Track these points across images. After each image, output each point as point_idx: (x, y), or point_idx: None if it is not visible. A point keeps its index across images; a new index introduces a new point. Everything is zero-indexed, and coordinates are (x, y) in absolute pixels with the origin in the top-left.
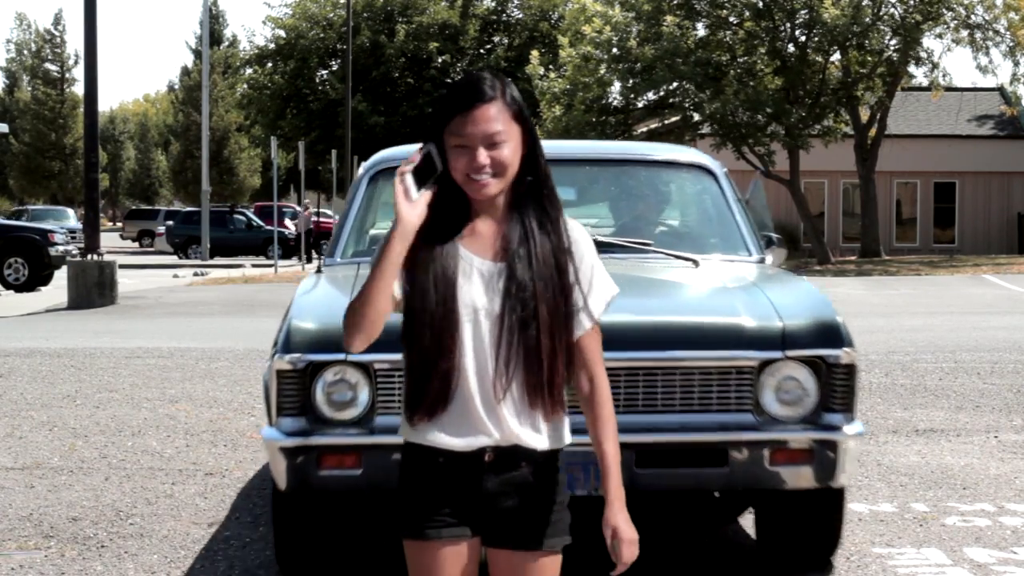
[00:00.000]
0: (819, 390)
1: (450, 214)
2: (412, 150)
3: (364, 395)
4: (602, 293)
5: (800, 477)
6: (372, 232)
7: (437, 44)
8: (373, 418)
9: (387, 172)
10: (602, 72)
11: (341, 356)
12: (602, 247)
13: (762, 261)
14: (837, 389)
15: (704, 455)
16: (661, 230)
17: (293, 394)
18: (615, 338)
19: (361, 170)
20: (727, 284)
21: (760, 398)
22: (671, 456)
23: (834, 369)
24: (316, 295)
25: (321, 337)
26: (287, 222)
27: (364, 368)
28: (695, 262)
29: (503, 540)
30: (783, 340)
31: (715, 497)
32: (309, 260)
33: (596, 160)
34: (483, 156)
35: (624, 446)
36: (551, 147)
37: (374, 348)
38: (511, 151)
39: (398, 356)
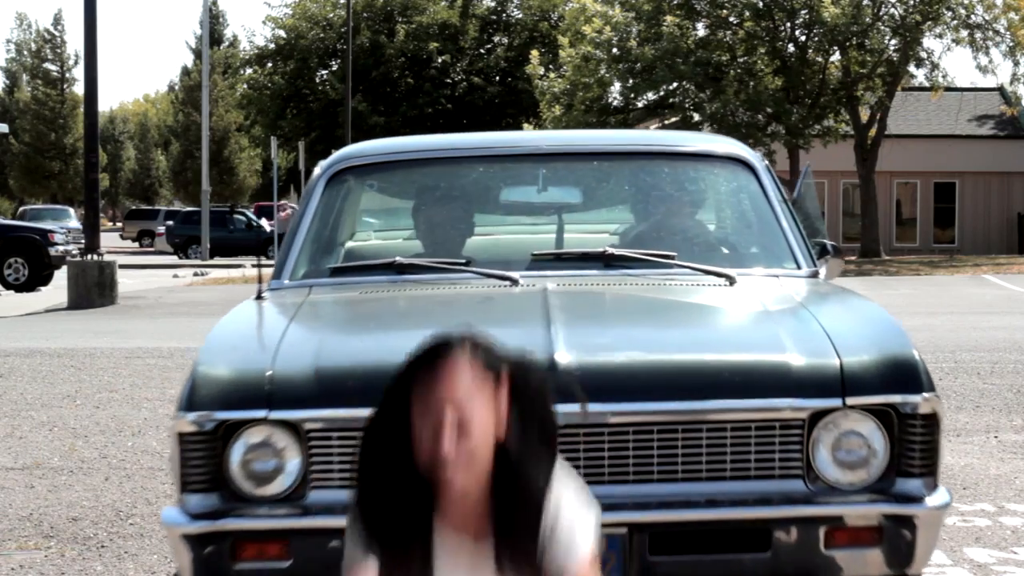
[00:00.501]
0: (890, 448)
1: (419, 496)
2: (379, 146)
3: (293, 464)
4: (587, 536)
5: (865, 563)
6: (349, 245)
7: (437, 44)
8: (305, 494)
9: (351, 172)
10: (602, 72)
11: (262, 413)
12: (613, 261)
13: (814, 276)
14: (914, 447)
15: (740, 536)
16: (687, 239)
17: (201, 464)
18: (622, 385)
19: (317, 170)
20: (769, 307)
21: (813, 460)
22: (696, 538)
23: (910, 421)
24: (238, 331)
25: (237, 387)
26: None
27: (293, 429)
28: (729, 279)
29: None
30: (842, 383)
31: None
32: None
33: (606, 152)
34: (448, 441)
35: (635, 527)
36: (552, 138)
37: (305, 403)
38: (480, 433)
39: (336, 412)
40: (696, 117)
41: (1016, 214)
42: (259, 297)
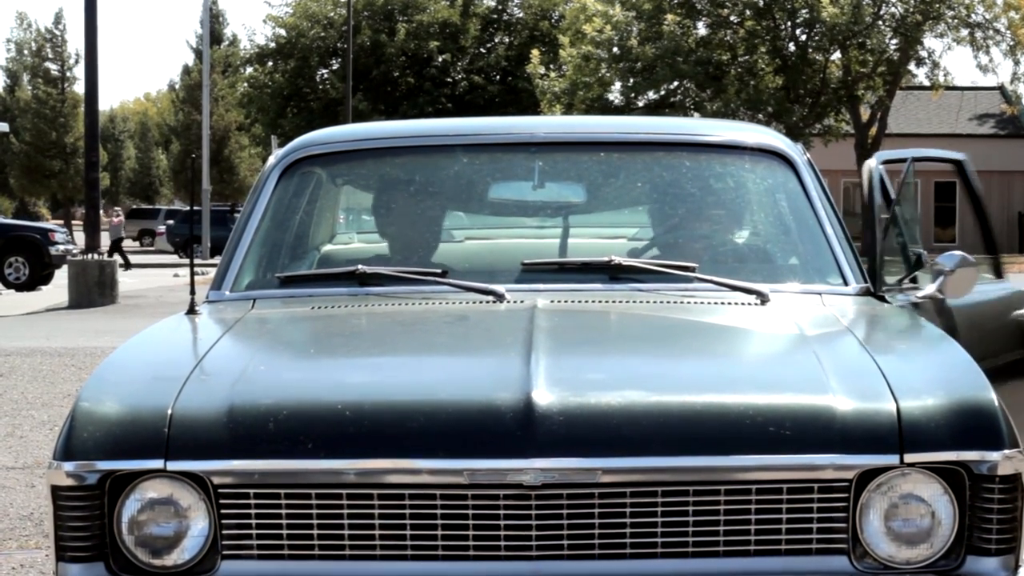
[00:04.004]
0: (960, 518)
1: None
2: (344, 132)
3: (199, 528)
4: None
5: None
6: (306, 249)
7: (438, 43)
8: (215, 566)
9: (310, 162)
10: (603, 71)
11: (158, 463)
12: (620, 273)
13: (866, 293)
14: (991, 517)
15: None
16: (710, 246)
17: (81, 527)
18: (618, 434)
19: (271, 160)
20: (808, 333)
21: (861, 531)
22: None
23: (987, 484)
24: (140, 357)
25: (127, 430)
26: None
27: (199, 483)
28: (761, 296)
29: None
30: (900, 434)
31: None
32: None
33: (618, 143)
34: None
35: None
36: (550, 125)
37: (214, 451)
38: None
39: (253, 464)
40: (697, 116)
41: (1017, 213)
42: (191, 311)
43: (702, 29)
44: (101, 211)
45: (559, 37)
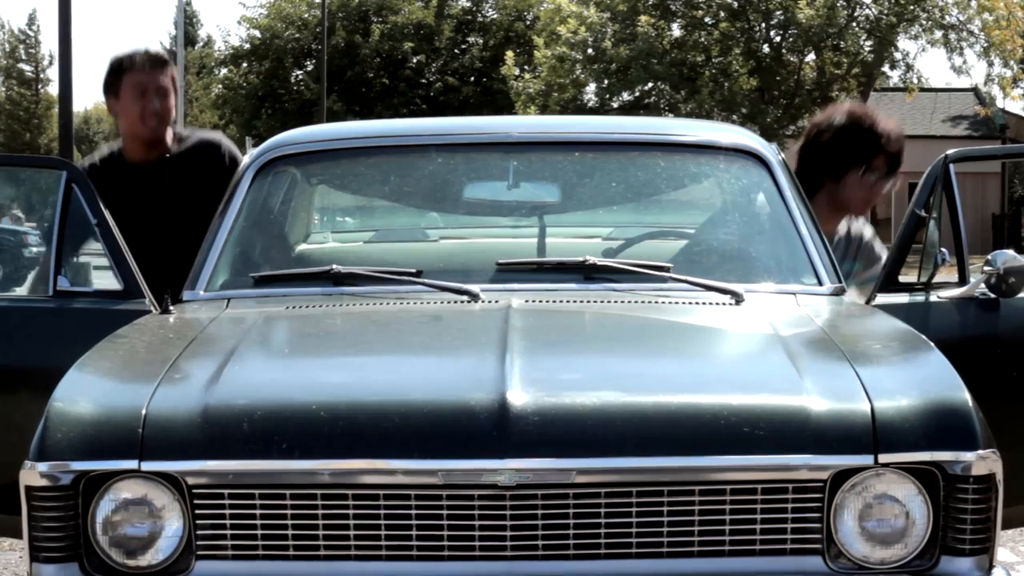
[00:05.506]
0: (934, 518)
1: None
2: (319, 132)
3: (174, 528)
4: None
5: None
6: (280, 249)
7: (412, 44)
8: (190, 566)
9: (284, 162)
10: (577, 73)
11: (132, 463)
12: (595, 273)
13: (839, 293)
14: (965, 517)
15: None
16: (685, 247)
17: (55, 527)
18: (592, 434)
19: (246, 159)
20: (782, 333)
21: (835, 532)
22: None
23: (960, 484)
24: (114, 357)
25: (101, 431)
26: None
27: (173, 483)
28: (735, 296)
29: None
30: (874, 435)
31: None
32: None
33: (592, 143)
34: None
35: None
36: (525, 124)
37: (189, 451)
38: None
39: (228, 464)
40: (671, 117)
41: (991, 214)
42: (165, 311)
43: (676, 31)
44: None
45: (533, 38)
